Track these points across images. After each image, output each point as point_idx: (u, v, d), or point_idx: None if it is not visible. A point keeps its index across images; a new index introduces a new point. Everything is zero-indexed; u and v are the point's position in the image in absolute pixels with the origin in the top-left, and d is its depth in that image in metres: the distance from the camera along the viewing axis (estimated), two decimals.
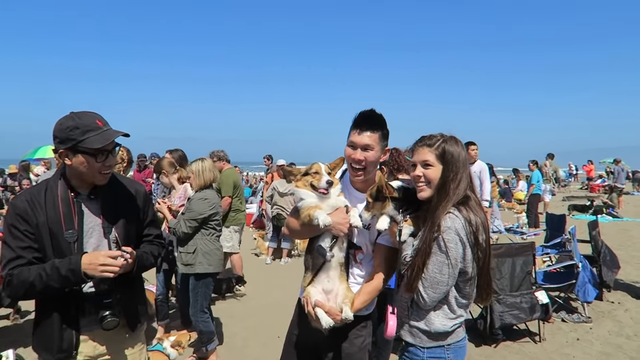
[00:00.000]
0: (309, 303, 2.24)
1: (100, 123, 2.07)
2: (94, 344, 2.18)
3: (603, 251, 6.56)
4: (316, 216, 2.21)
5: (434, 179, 2.11)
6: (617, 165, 18.98)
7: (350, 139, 2.34)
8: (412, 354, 2.19)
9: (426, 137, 2.20)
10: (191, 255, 4.27)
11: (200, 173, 4.44)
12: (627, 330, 5.42)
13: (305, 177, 2.35)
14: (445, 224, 2.01)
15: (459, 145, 2.15)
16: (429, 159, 2.12)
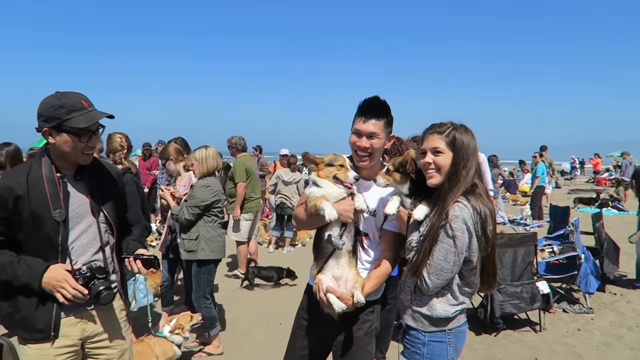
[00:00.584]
0: (320, 290, 2.26)
1: (85, 103, 2.09)
2: (84, 327, 2.20)
3: (606, 243, 6.55)
4: (322, 207, 2.22)
5: (444, 166, 2.12)
6: (624, 158, 18.83)
7: (355, 127, 2.35)
8: (414, 337, 2.23)
9: (436, 124, 2.21)
10: (194, 242, 4.31)
11: (204, 160, 4.46)
12: (628, 321, 5.43)
13: (328, 168, 2.34)
14: (453, 213, 2.03)
15: (469, 134, 2.15)
16: (440, 145, 2.12)
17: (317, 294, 2.29)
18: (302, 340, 2.57)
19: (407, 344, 2.29)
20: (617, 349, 4.69)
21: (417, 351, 2.21)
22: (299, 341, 2.58)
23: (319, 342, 2.56)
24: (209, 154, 4.51)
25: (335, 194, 2.31)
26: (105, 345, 2.30)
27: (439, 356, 2.19)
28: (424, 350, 2.20)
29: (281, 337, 2.73)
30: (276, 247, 9.47)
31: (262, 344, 4.71)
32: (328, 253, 2.32)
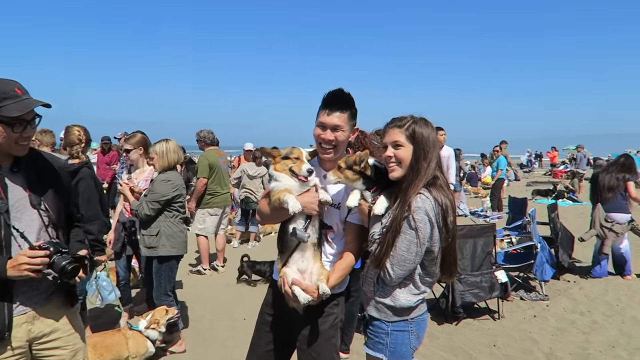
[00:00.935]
0: (285, 282, 2.26)
1: (19, 91, 1.98)
2: (29, 327, 2.09)
3: (561, 233, 6.82)
4: (285, 200, 2.21)
5: (405, 159, 2.15)
6: (579, 151, 19.66)
7: (319, 120, 2.35)
8: (378, 327, 2.27)
9: (397, 118, 2.23)
10: (154, 237, 4.19)
11: (164, 154, 4.33)
12: (580, 307, 5.68)
13: (285, 161, 2.33)
14: (415, 204, 2.06)
15: (428, 127, 2.19)
16: (400, 139, 2.16)
17: (282, 287, 2.29)
18: (266, 335, 2.56)
19: (370, 334, 2.32)
20: (570, 334, 4.90)
21: (381, 341, 2.26)
22: (264, 336, 2.57)
23: (284, 337, 2.54)
24: (170, 147, 4.38)
25: (295, 187, 2.30)
26: (54, 346, 2.19)
27: (402, 345, 2.24)
28: (388, 340, 2.24)
29: (245, 332, 2.70)
30: (241, 242, 9.37)
31: (226, 340, 4.65)
32: (293, 246, 2.32)
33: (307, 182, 2.30)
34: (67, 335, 2.24)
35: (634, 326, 5.05)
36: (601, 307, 5.65)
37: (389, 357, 2.24)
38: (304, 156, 2.34)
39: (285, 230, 2.36)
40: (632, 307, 5.63)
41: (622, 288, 6.37)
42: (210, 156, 6.94)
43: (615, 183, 6.55)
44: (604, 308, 5.63)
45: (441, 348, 4.54)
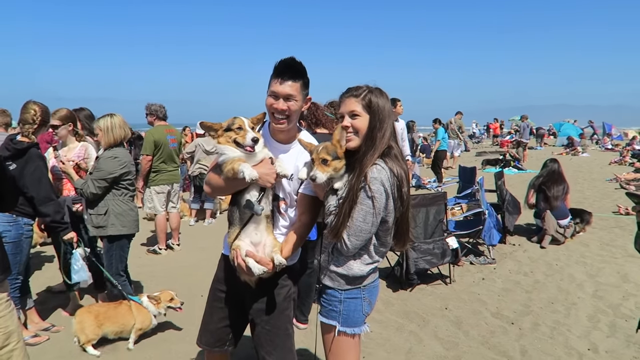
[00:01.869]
0: (239, 255, 2.23)
1: None
2: None
3: (507, 199, 7.16)
4: (241, 170, 2.16)
5: (362, 129, 2.16)
6: (523, 122, 20.55)
7: (271, 89, 2.29)
8: (331, 295, 2.29)
9: (352, 88, 2.23)
10: (102, 217, 4.03)
11: (109, 130, 4.12)
12: (524, 268, 6.04)
13: (227, 133, 2.27)
14: (372, 175, 2.07)
15: (383, 96, 2.20)
16: (356, 109, 2.16)
17: (234, 261, 2.26)
18: (219, 311, 2.56)
19: (324, 303, 2.35)
20: (515, 293, 5.22)
21: (334, 308, 2.28)
22: (216, 313, 2.57)
23: (237, 312, 2.55)
24: (115, 122, 4.17)
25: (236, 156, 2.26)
26: None
27: (355, 311, 2.27)
28: (340, 307, 2.27)
29: (202, 309, 2.68)
30: (197, 219, 9.22)
31: (183, 317, 4.60)
32: (245, 219, 2.29)
33: (253, 152, 2.26)
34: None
35: (570, 284, 5.45)
36: (542, 268, 6.03)
37: (342, 323, 2.27)
38: (246, 125, 2.28)
39: (237, 203, 2.33)
40: (570, 266, 6.05)
41: (561, 249, 6.82)
42: (157, 132, 6.67)
43: (561, 194, 7.15)
44: (544, 268, 6.02)
45: (396, 314, 4.72)
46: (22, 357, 2.27)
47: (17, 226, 3.68)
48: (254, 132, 2.29)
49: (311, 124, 4.28)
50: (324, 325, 2.36)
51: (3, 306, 2.20)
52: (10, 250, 3.61)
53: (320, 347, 2.44)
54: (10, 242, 3.63)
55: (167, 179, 6.81)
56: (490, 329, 4.34)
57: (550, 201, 7.13)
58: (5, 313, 2.21)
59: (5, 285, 2.26)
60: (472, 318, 4.59)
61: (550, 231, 6.99)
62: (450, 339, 4.17)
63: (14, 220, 3.65)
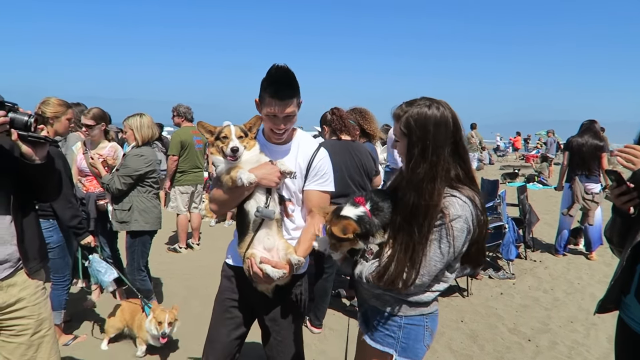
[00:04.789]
0: (254, 264, 2.16)
1: None
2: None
3: (528, 214, 7.04)
4: (238, 176, 2.11)
5: (403, 155, 1.87)
6: (549, 137, 20.17)
7: (269, 110, 2.17)
8: (388, 319, 1.98)
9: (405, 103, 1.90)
10: (126, 212, 4.15)
11: (138, 129, 4.27)
12: (544, 285, 5.93)
13: (217, 142, 2.21)
14: (454, 212, 1.74)
15: (432, 109, 1.78)
16: (396, 134, 1.89)
17: (249, 270, 2.20)
18: (230, 323, 2.47)
19: (378, 326, 2.00)
20: (533, 310, 5.12)
21: (392, 334, 1.97)
22: (227, 325, 2.47)
23: (247, 324, 2.51)
24: (144, 122, 4.32)
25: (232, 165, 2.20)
26: (19, 315, 2.19)
27: (416, 341, 1.97)
28: (400, 334, 1.96)
29: None
30: (217, 220, 9.36)
31: (200, 315, 4.68)
32: (256, 227, 2.23)
33: (236, 162, 2.18)
34: (32, 305, 2.23)
35: (592, 303, 5.31)
36: (563, 285, 5.91)
37: (400, 353, 1.97)
38: (232, 133, 2.18)
39: (245, 212, 2.25)
40: (592, 285, 5.91)
41: (583, 267, 6.66)
42: (184, 133, 6.83)
43: (593, 154, 6.66)
44: (565, 286, 5.89)
45: None
46: (52, 344, 2.33)
47: (56, 230, 3.69)
48: (249, 136, 2.23)
49: (336, 130, 4.31)
50: (374, 351, 2.02)
51: (39, 294, 2.28)
52: (58, 254, 3.70)
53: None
54: (55, 247, 3.66)
55: (191, 180, 6.96)
56: (506, 345, 4.28)
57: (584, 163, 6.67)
58: (40, 300, 2.28)
59: (42, 274, 2.34)
60: (488, 332, 4.53)
61: (579, 199, 6.72)
62: (464, 352, 4.13)
63: (53, 226, 3.65)
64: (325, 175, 2.42)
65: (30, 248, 2.21)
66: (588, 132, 6.79)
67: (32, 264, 2.22)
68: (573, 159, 6.85)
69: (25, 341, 2.21)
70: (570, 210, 6.84)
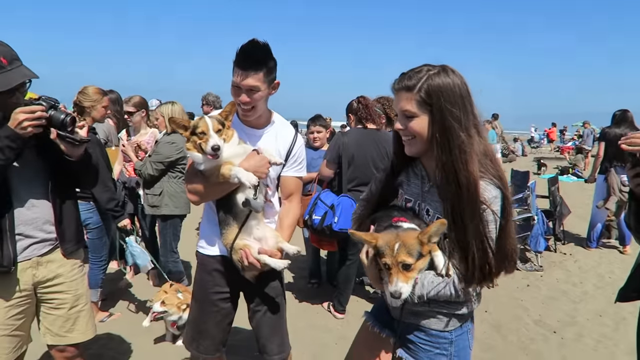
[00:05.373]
0: (249, 255, 2.13)
1: (4, 61, 1.96)
2: (34, 272, 2.26)
3: (559, 206, 6.90)
4: (234, 175, 2.06)
5: (421, 132, 1.61)
6: (585, 128, 19.49)
7: (233, 80, 2.14)
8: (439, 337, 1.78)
9: (406, 74, 1.63)
10: (157, 197, 4.32)
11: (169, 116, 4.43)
12: (573, 278, 5.82)
13: (193, 137, 2.11)
14: (489, 194, 1.57)
15: (450, 76, 1.57)
16: (409, 107, 1.60)
17: (242, 260, 2.15)
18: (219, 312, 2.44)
19: (426, 346, 1.80)
20: (560, 302, 5.05)
21: (444, 352, 1.79)
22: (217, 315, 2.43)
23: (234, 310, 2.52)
24: (175, 110, 4.48)
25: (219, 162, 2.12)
26: (58, 290, 2.36)
27: (464, 349, 1.82)
28: (452, 350, 1.78)
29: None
30: None
31: None
32: (243, 217, 2.19)
33: (217, 160, 2.09)
34: (70, 281, 2.39)
35: None
36: (593, 279, 5.78)
37: None
38: (210, 128, 2.07)
39: (231, 203, 2.19)
40: (624, 280, 5.68)
41: (616, 261, 6.48)
42: None
43: None
44: (595, 280, 5.76)
45: None
46: (88, 318, 2.49)
47: (95, 212, 3.92)
48: (226, 126, 2.14)
49: (362, 118, 4.34)
50: None
51: (76, 271, 2.44)
52: (96, 235, 3.97)
53: None
54: (94, 228, 3.94)
55: None
56: (531, 336, 4.25)
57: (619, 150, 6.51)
58: (78, 277, 2.44)
59: (80, 253, 2.50)
60: (512, 323, 4.50)
61: (615, 192, 6.52)
62: (487, 341, 4.13)
63: (92, 208, 3.88)
64: (302, 162, 2.44)
65: (68, 231, 2.37)
66: (624, 122, 6.59)
67: (67, 244, 2.37)
68: (609, 150, 6.65)
69: (63, 314, 2.39)
70: (607, 203, 6.64)
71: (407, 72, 1.63)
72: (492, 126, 13.51)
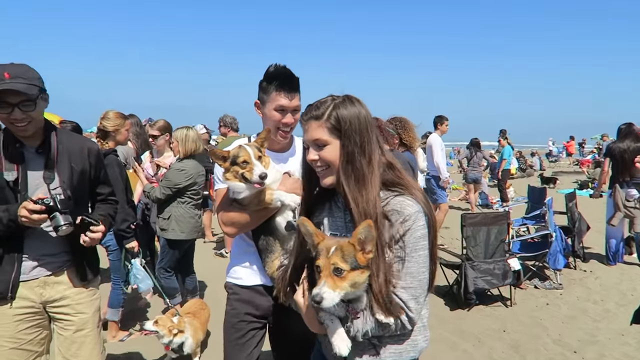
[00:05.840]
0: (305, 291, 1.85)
1: (7, 75, 2.09)
2: (41, 291, 2.33)
3: (578, 222, 6.81)
4: (277, 199, 2.07)
5: (334, 160, 1.59)
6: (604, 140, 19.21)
7: (277, 103, 2.17)
8: None
9: (312, 106, 1.65)
10: (166, 220, 4.46)
11: (183, 142, 4.50)
12: (594, 296, 5.70)
13: (234, 167, 2.08)
14: (410, 209, 1.53)
15: (356, 105, 1.60)
16: (321, 136, 1.59)
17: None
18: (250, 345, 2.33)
19: None
20: (581, 321, 4.95)
21: None
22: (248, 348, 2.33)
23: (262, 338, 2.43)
24: (189, 135, 4.53)
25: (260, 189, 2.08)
26: (64, 311, 2.42)
27: None
28: None
29: None
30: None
31: None
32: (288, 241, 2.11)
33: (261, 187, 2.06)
34: (75, 303, 2.43)
35: None
36: (615, 297, 5.66)
37: None
38: (252, 157, 2.05)
39: (271, 228, 2.16)
40: None
41: (638, 278, 6.33)
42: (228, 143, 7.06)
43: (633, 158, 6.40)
44: (617, 297, 5.64)
45: (451, 331, 4.67)
46: (94, 345, 2.50)
47: None
48: (262, 153, 2.11)
49: None
50: None
51: (84, 295, 2.47)
52: (117, 256, 4.14)
53: None
54: (115, 250, 4.14)
55: None
56: (550, 356, 4.17)
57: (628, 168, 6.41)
58: (85, 301, 2.47)
59: (95, 282, 2.57)
60: (531, 343, 4.43)
61: (620, 207, 6.45)
62: None
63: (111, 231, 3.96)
64: None
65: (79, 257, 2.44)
66: (629, 136, 6.58)
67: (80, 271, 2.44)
68: (615, 165, 6.64)
69: (69, 336, 2.44)
70: (612, 220, 6.59)
71: (313, 103, 1.65)
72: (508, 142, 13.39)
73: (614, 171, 6.64)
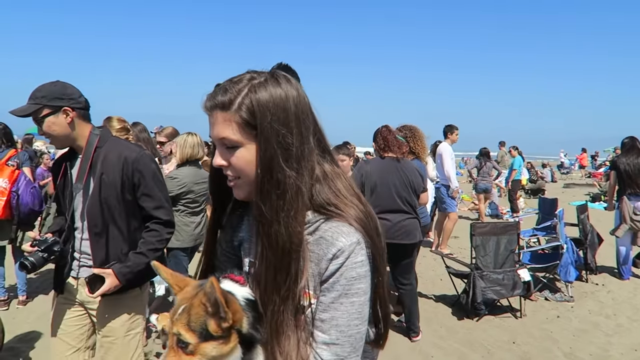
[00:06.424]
0: None
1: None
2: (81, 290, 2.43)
3: (590, 235, 6.72)
4: None
5: (245, 168, 1.05)
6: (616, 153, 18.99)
7: None
8: None
9: (221, 86, 1.06)
10: None
11: (181, 147, 4.37)
12: (607, 310, 5.60)
13: None
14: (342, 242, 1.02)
15: (282, 85, 1.04)
16: (228, 134, 1.03)
17: None
18: None
19: None
20: (593, 335, 4.86)
21: None
22: None
23: None
24: (188, 141, 4.36)
25: None
26: (92, 313, 2.48)
27: None
28: None
29: None
30: None
31: None
32: None
33: None
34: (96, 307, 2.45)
35: None
36: (628, 311, 5.56)
37: None
38: None
39: None
40: None
41: None
42: None
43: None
44: (630, 312, 5.54)
45: (459, 342, 4.61)
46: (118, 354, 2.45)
47: None
48: None
49: (379, 148, 4.41)
50: None
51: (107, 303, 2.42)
52: None
53: None
54: None
55: None
56: None
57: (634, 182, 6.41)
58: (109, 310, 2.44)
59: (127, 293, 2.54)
60: (541, 356, 4.36)
61: (627, 220, 6.37)
62: None
63: None
64: None
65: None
66: (632, 150, 6.59)
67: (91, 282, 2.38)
68: (621, 179, 6.64)
69: (99, 339, 2.48)
70: (617, 232, 6.52)
71: (223, 82, 1.07)
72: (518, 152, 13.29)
73: (620, 184, 6.66)
